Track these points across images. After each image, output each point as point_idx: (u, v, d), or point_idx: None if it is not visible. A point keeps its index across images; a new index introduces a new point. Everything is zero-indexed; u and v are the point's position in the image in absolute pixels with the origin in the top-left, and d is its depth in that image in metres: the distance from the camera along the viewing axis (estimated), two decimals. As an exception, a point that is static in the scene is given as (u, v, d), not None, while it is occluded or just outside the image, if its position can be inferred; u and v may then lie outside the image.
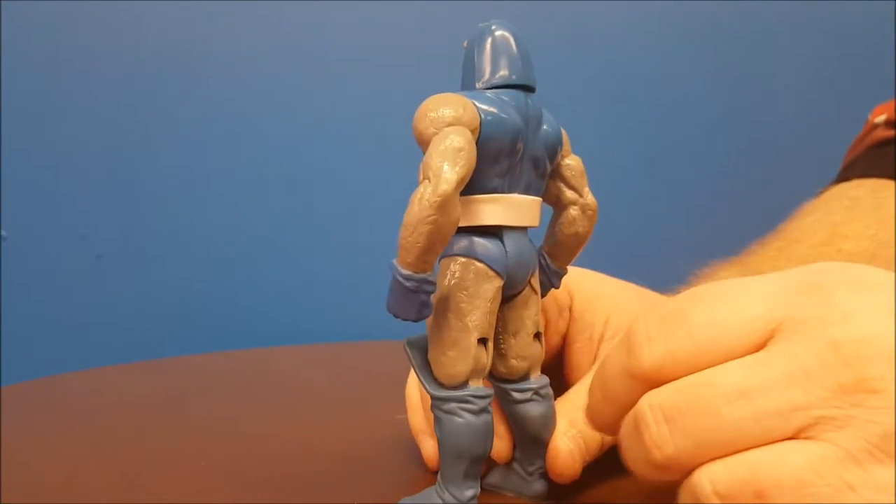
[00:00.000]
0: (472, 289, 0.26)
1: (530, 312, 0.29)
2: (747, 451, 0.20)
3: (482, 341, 0.27)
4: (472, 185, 0.26)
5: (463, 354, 0.26)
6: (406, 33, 0.77)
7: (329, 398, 0.47)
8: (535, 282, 0.29)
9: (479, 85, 0.27)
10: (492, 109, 0.26)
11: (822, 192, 0.48)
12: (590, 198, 0.30)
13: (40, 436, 0.39)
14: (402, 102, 0.30)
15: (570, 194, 0.30)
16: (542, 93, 0.28)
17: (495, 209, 0.26)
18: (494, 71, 0.27)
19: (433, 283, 0.25)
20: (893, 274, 0.22)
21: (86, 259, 0.73)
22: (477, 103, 0.26)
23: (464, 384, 0.26)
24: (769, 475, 0.20)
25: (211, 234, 0.76)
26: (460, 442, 0.26)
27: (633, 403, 0.23)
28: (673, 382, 0.22)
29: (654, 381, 0.22)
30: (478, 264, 0.26)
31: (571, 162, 0.29)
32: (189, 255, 0.75)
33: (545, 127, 0.28)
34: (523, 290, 0.28)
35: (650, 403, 0.22)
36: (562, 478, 0.29)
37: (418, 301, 0.24)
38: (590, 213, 0.29)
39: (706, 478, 0.21)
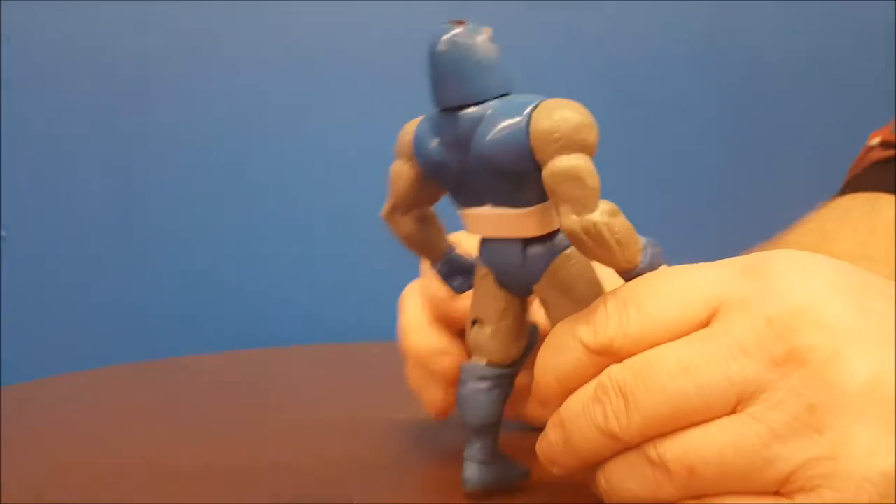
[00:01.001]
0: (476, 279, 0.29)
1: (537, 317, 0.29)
2: (687, 429, 0.21)
3: (474, 322, 0.29)
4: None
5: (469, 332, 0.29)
6: (408, 32, 0.77)
7: (329, 398, 0.47)
8: (545, 290, 0.28)
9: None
10: (422, 133, 0.27)
11: (819, 208, 0.50)
12: (566, 220, 0.24)
13: (40, 436, 0.39)
14: (403, 103, 0.31)
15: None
16: (542, 92, 0.27)
17: (465, 222, 0.28)
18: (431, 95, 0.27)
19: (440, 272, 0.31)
20: (837, 260, 0.23)
21: (85, 259, 0.73)
22: (418, 129, 0.28)
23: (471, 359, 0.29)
24: (697, 453, 0.21)
25: (211, 235, 0.76)
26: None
27: (578, 376, 0.24)
28: (626, 360, 0.23)
29: (607, 356, 0.23)
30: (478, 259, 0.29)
31: (545, 173, 0.24)
32: (189, 256, 0.75)
33: (488, 137, 0.25)
34: (529, 295, 0.29)
35: (610, 377, 0.23)
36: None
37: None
38: (573, 238, 0.24)
39: (655, 451, 0.22)
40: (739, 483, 0.21)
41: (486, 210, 0.27)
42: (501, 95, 0.26)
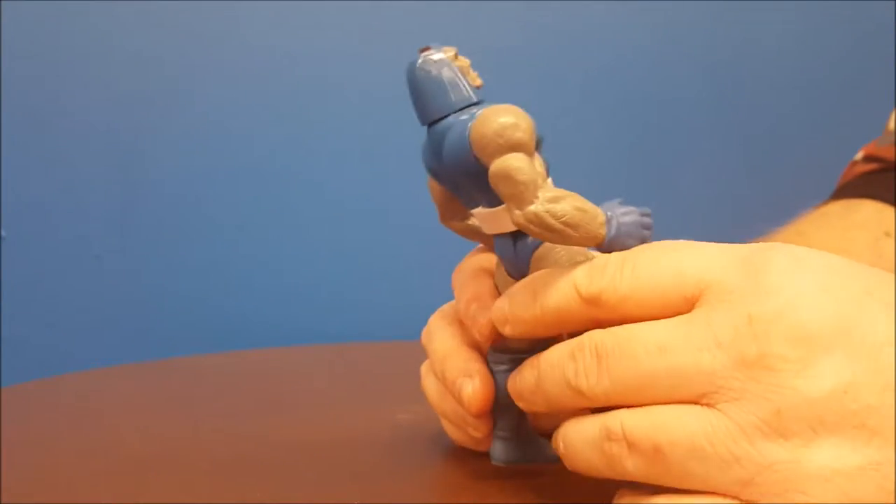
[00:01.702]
0: None
1: None
2: (655, 406, 0.22)
3: None
4: None
5: None
6: (403, 35, 0.77)
7: (329, 398, 0.47)
8: None
9: None
10: (424, 149, 0.30)
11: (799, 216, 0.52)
12: (512, 217, 0.25)
13: (40, 436, 0.39)
14: (401, 104, 0.31)
15: None
16: (543, 91, 0.28)
17: (477, 221, 0.30)
18: None
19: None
20: (839, 258, 0.23)
21: (85, 259, 0.73)
22: (422, 145, 0.30)
23: None
24: (667, 433, 0.21)
25: (211, 235, 0.76)
26: None
27: (560, 316, 0.25)
28: (610, 328, 0.23)
29: (594, 306, 0.24)
30: None
31: (489, 179, 0.25)
32: (189, 256, 0.75)
33: (445, 149, 0.28)
34: None
35: (590, 337, 0.24)
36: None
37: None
38: (526, 231, 0.25)
39: (618, 420, 0.22)
40: (702, 475, 0.21)
41: (481, 210, 0.29)
42: (466, 107, 0.28)
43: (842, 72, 0.85)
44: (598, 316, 0.24)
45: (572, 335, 0.25)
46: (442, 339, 0.32)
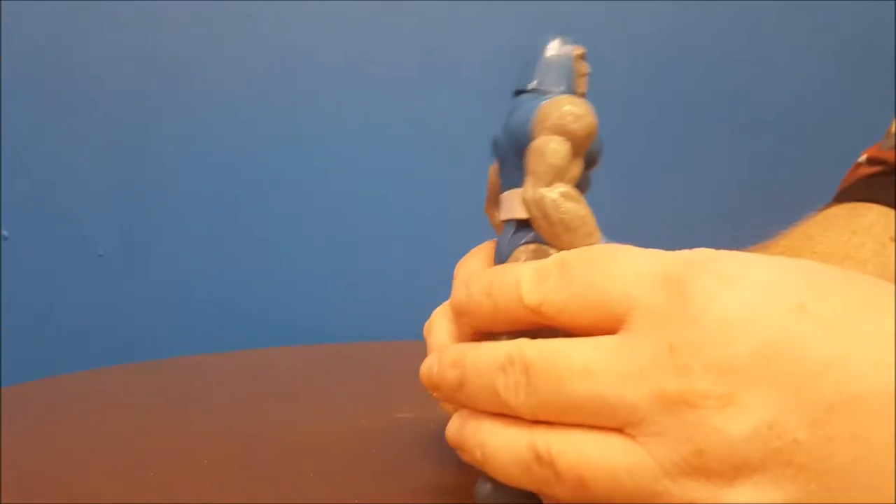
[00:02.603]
0: None
1: None
2: (581, 431, 0.22)
3: None
4: None
5: None
6: (406, 34, 0.77)
7: (328, 398, 0.47)
8: None
9: None
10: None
11: (805, 219, 0.52)
12: (524, 192, 0.26)
13: (40, 436, 0.39)
14: (402, 104, 0.31)
15: None
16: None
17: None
18: None
19: None
20: (779, 263, 0.21)
21: (86, 259, 0.73)
22: None
23: None
24: (590, 467, 0.21)
25: (211, 235, 0.76)
26: None
27: (507, 313, 0.24)
28: (540, 342, 0.23)
29: (535, 312, 0.24)
30: None
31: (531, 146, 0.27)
32: (189, 255, 0.75)
33: (513, 115, 0.28)
34: None
35: (520, 351, 0.23)
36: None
37: None
38: (528, 211, 0.26)
39: (545, 443, 0.22)
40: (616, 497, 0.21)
41: (506, 192, 0.29)
42: (556, 92, 0.28)
43: (842, 72, 0.85)
44: (543, 322, 0.24)
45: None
46: (439, 333, 0.33)
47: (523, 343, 0.23)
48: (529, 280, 0.24)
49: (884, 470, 0.18)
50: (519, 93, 0.28)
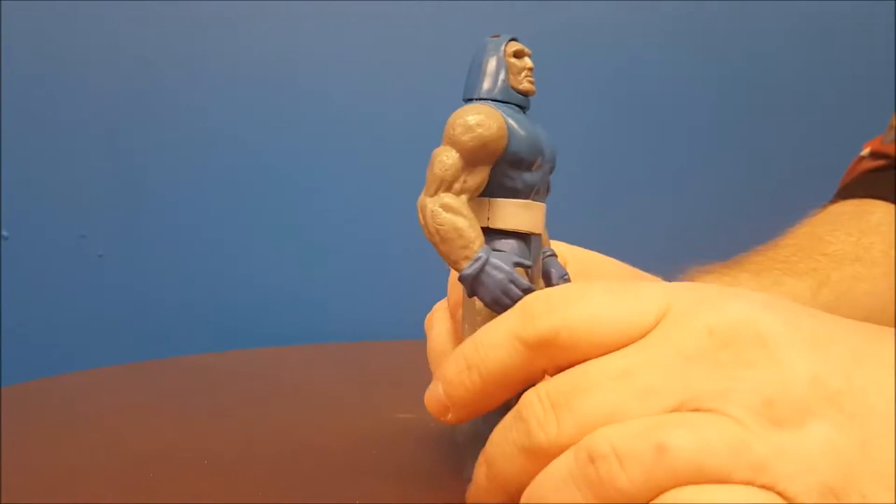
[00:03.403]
0: None
1: None
2: (641, 418, 0.21)
3: None
4: None
5: None
6: (405, 36, 0.77)
7: (329, 398, 0.47)
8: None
9: None
10: None
11: (811, 215, 0.52)
12: (418, 200, 0.27)
13: (40, 436, 0.39)
14: (402, 105, 0.31)
15: None
16: (544, 92, 0.28)
17: None
18: None
19: None
20: (773, 296, 0.24)
21: (86, 259, 0.73)
22: None
23: None
24: (666, 432, 0.20)
25: (211, 234, 0.76)
26: None
27: (504, 376, 0.23)
28: (556, 377, 0.22)
29: (544, 348, 0.23)
30: None
31: None
32: (189, 255, 0.75)
33: None
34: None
35: (538, 393, 0.22)
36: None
37: None
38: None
39: (602, 438, 0.21)
40: (715, 465, 0.20)
41: None
42: (485, 100, 0.28)
43: (843, 72, 0.85)
44: (547, 362, 0.23)
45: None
46: (438, 332, 0.33)
47: (535, 388, 0.22)
48: (522, 321, 0.23)
49: None
50: (467, 101, 0.29)
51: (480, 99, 0.28)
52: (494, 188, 0.28)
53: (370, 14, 0.76)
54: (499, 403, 0.25)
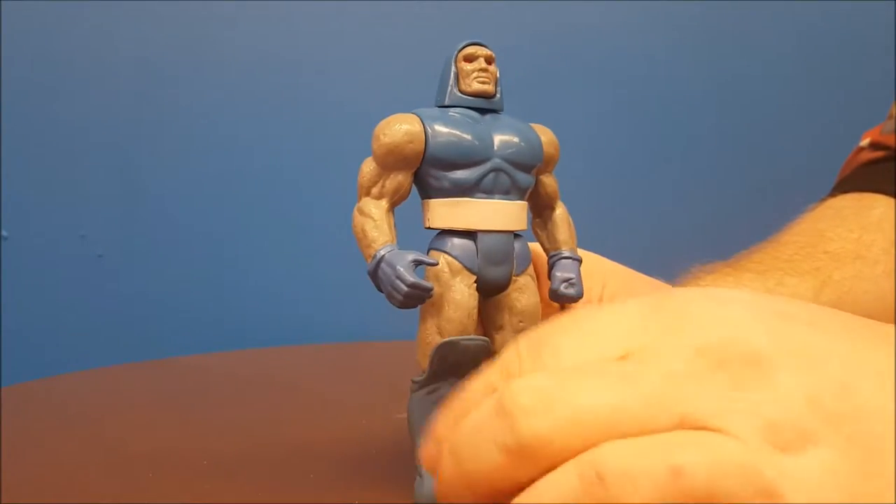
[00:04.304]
0: None
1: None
2: (648, 434, 0.19)
3: None
4: None
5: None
6: (400, 34, 0.77)
7: (329, 398, 0.47)
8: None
9: None
10: None
11: (811, 209, 0.52)
12: None
13: (40, 436, 0.39)
14: (401, 107, 0.31)
15: None
16: (543, 92, 0.28)
17: None
18: None
19: None
20: (750, 293, 0.23)
21: (86, 259, 0.73)
22: None
23: None
24: (684, 452, 0.19)
25: (211, 235, 0.76)
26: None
27: (499, 487, 0.20)
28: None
29: (539, 457, 0.20)
30: None
31: None
32: (189, 255, 0.75)
33: None
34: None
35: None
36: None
37: None
38: None
39: (612, 456, 0.19)
40: (727, 488, 0.19)
41: None
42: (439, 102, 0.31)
43: (842, 71, 0.85)
44: (541, 461, 0.20)
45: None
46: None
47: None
48: (513, 423, 0.20)
49: None
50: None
51: (440, 107, 0.30)
52: (428, 190, 0.30)
53: (371, 15, 0.76)
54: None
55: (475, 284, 0.29)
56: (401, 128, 0.28)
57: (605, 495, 0.19)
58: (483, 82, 0.29)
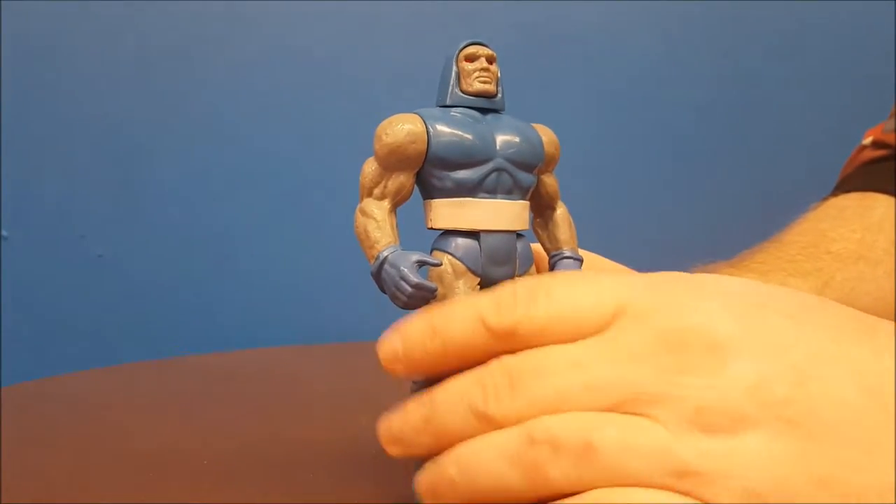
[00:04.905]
0: None
1: None
2: (581, 412, 0.22)
3: None
4: None
5: None
6: (406, 38, 0.77)
7: (329, 398, 0.47)
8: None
9: None
10: None
11: (813, 208, 0.51)
12: None
13: (40, 436, 0.39)
14: (403, 106, 0.31)
15: None
16: (543, 92, 0.28)
17: None
18: None
19: None
20: (737, 281, 0.24)
21: (86, 259, 0.73)
22: None
23: None
24: (598, 430, 0.21)
25: (211, 235, 0.76)
26: None
27: (467, 351, 0.24)
28: (523, 352, 0.23)
29: (506, 338, 0.23)
30: None
31: None
32: (189, 256, 0.75)
33: None
34: None
35: (501, 362, 0.23)
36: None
37: None
38: None
39: (543, 425, 0.22)
40: (635, 469, 0.21)
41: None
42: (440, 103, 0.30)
43: (843, 71, 0.85)
44: (508, 348, 0.23)
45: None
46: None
47: (503, 357, 0.23)
48: (492, 310, 0.24)
49: (870, 429, 0.20)
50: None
51: (441, 107, 0.30)
52: (431, 190, 0.30)
53: (375, 13, 0.76)
54: (448, 374, 0.25)
55: (478, 287, 0.29)
56: (403, 128, 0.28)
57: (531, 459, 0.21)
58: (485, 82, 0.29)
